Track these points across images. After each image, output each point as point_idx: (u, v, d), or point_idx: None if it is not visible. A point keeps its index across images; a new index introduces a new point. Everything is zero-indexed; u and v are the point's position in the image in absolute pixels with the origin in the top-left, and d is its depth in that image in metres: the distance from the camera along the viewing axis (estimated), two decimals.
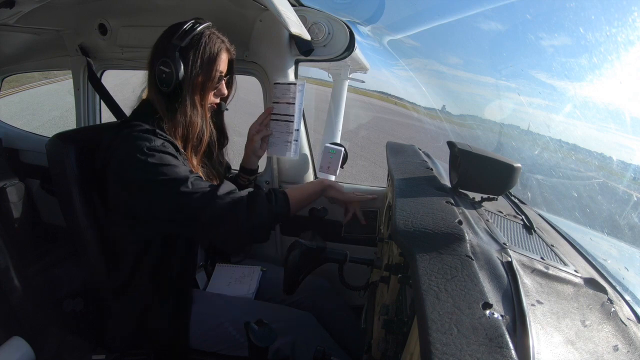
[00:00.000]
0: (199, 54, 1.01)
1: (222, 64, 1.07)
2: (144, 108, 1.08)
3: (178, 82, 0.99)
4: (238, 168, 1.50)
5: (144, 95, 1.11)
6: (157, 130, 0.97)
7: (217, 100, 1.12)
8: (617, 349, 0.52)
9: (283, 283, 0.90)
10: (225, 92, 1.12)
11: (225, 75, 1.11)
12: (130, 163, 0.93)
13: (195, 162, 1.10)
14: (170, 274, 1.06)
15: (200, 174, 1.08)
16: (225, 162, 1.32)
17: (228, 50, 1.09)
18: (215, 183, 1.16)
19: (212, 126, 1.15)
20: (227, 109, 1.21)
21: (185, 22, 1.03)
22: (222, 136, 1.25)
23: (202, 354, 1.08)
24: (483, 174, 0.83)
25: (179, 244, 1.06)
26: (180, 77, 0.99)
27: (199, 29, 1.02)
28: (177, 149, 1.00)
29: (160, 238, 1.03)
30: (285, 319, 1.06)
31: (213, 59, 1.03)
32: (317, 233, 0.93)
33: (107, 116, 1.78)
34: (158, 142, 0.95)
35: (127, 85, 1.12)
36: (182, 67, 0.99)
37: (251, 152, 1.29)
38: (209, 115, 1.11)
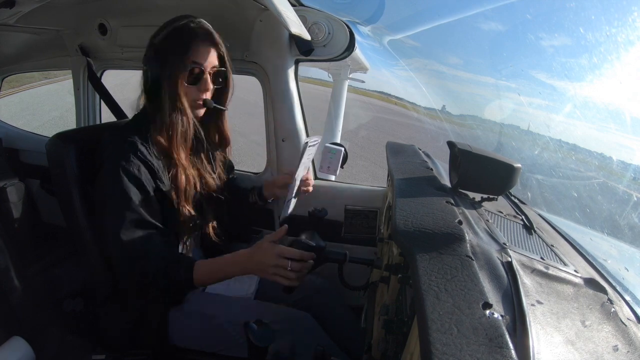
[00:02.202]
0: (171, 47, 0.99)
1: (198, 55, 1.01)
2: (140, 112, 1.10)
3: (155, 79, 1.00)
4: (238, 168, 1.50)
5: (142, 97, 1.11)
6: (139, 147, 0.98)
7: (201, 96, 1.05)
8: (617, 349, 0.52)
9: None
10: (210, 86, 1.05)
11: (216, 69, 1.06)
12: (104, 176, 0.98)
13: (183, 160, 1.06)
14: None
15: (191, 173, 1.08)
16: (228, 161, 1.32)
17: (213, 43, 1.04)
18: (210, 183, 1.15)
19: (204, 125, 1.11)
20: (222, 108, 1.13)
21: None
22: (222, 139, 1.22)
23: (201, 354, 1.08)
24: (483, 174, 0.83)
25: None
26: (156, 73, 0.99)
27: (176, 24, 1.01)
28: (155, 172, 1.00)
29: None
30: (285, 319, 1.06)
31: (185, 50, 1.00)
32: (317, 233, 0.93)
33: (107, 116, 1.78)
34: (134, 165, 0.96)
35: (127, 85, 1.12)
36: (158, 63, 0.99)
37: (273, 192, 1.27)
38: (191, 112, 1.05)
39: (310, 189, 1.26)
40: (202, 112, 1.09)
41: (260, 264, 0.90)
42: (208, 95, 1.07)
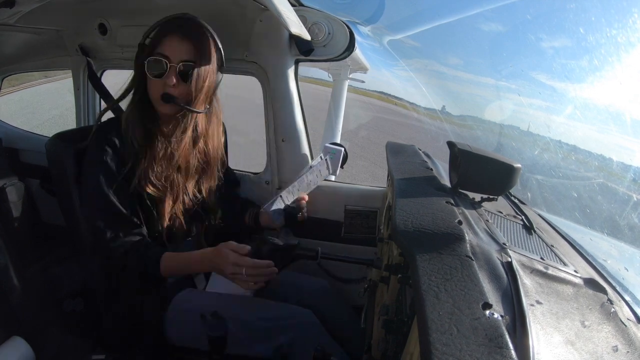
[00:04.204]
0: (148, 43, 1.01)
1: (166, 48, 0.96)
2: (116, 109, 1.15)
3: (135, 74, 1.03)
4: (238, 168, 1.49)
5: None
6: (114, 139, 0.99)
7: (161, 90, 0.98)
8: (617, 350, 0.52)
9: None
10: (172, 80, 0.96)
11: (183, 62, 0.97)
12: (83, 169, 1.05)
13: (151, 174, 1.02)
14: None
15: (153, 182, 1.03)
16: (232, 177, 1.33)
17: (188, 38, 0.97)
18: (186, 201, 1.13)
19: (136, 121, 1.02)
20: (180, 104, 0.99)
21: None
22: (207, 149, 1.14)
23: (201, 353, 1.08)
24: (483, 174, 0.83)
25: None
26: (135, 68, 1.02)
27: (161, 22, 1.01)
28: (122, 165, 1.00)
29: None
30: (286, 316, 1.06)
31: (156, 43, 0.98)
32: (290, 230, 0.94)
33: (106, 116, 1.77)
34: (107, 154, 0.99)
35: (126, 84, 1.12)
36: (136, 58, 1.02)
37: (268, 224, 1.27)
38: (160, 109, 1.01)
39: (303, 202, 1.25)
40: (166, 108, 1.01)
41: (218, 267, 0.98)
42: (174, 92, 0.98)
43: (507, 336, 0.38)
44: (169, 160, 1.05)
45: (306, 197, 1.28)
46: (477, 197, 0.90)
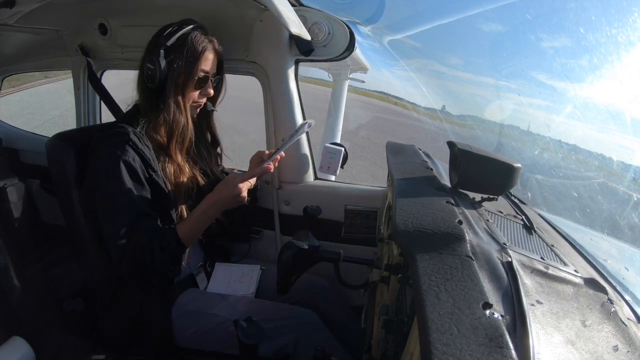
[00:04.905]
0: (182, 53, 1.04)
1: (207, 64, 1.08)
2: (132, 110, 1.13)
3: (162, 80, 1.03)
4: (239, 168, 1.50)
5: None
6: (132, 139, 1.00)
7: (203, 100, 1.13)
8: (617, 349, 0.52)
9: (276, 284, 0.90)
10: (211, 92, 1.13)
11: (215, 76, 1.12)
12: (98, 164, 1.01)
13: (180, 158, 1.11)
14: None
15: (186, 170, 1.12)
16: (222, 167, 1.33)
17: (216, 51, 1.10)
18: (201, 181, 1.17)
19: (196, 125, 1.17)
20: (215, 110, 1.21)
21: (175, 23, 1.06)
22: (213, 139, 1.27)
23: (202, 353, 1.08)
24: (483, 174, 0.83)
25: None
26: (164, 74, 1.02)
27: (185, 29, 1.05)
28: (147, 161, 1.02)
29: None
30: (288, 317, 1.06)
31: (196, 59, 1.06)
32: (311, 232, 0.94)
33: (107, 116, 1.78)
34: (130, 155, 0.99)
35: (127, 85, 1.13)
36: (166, 65, 1.03)
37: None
38: (190, 113, 1.11)
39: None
40: (196, 113, 1.15)
41: (226, 191, 1.01)
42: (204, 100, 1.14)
43: (507, 336, 0.38)
44: (193, 157, 1.19)
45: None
46: (477, 197, 0.90)
